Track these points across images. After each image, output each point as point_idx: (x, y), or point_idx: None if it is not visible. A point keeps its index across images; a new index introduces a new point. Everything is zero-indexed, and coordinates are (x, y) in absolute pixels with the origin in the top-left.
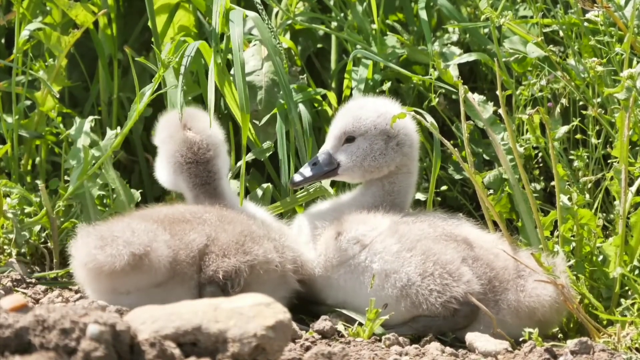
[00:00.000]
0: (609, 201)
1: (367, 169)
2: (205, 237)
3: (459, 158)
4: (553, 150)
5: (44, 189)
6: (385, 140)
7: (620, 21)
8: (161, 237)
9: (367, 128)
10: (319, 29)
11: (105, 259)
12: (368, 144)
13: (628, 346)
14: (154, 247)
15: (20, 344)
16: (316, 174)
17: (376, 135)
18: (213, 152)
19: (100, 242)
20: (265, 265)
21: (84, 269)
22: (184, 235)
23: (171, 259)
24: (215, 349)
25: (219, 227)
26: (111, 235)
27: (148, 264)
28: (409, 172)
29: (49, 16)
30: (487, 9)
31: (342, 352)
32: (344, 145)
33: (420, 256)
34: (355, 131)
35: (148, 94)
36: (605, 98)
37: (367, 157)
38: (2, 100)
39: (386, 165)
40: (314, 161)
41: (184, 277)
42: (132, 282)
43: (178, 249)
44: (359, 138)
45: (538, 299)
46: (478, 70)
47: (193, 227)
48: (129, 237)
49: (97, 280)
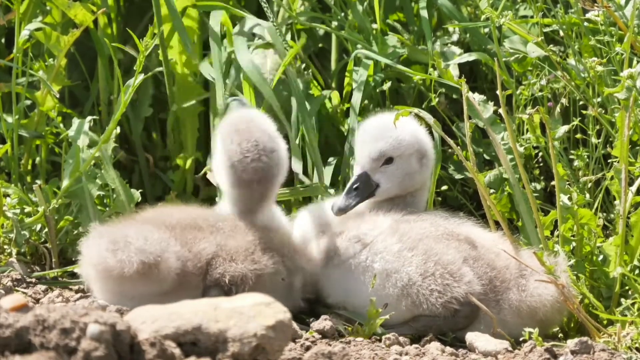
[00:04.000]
0: (609, 201)
1: (404, 189)
2: (215, 247)
3: (462, 157)
4: (553, 149)
5: (38, 189)
6: (418, 159)
7: (620, 21)
8: (172, 248)
9: (405, 149)
10: (320, 29)
11: (115, 264)
12: (406, 164)
13: (628, 346)
14: (164, 258)
15: (20, 343)
16: (361, 199)
17: (412, 154)
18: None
19: (113, 246)
20: (273, 277)
21: (93, 269)
22: (193, 244)
23: (179, 270)
24: (216, 348)
25: (229, 235)
26: (124, 240)
27: (157, 274)
28: (426, 185)
29: (49, 16)
30: (488, 9)
31: (342, 352)
32: (383, 167)
33: (421, 256)
34: (395, 152)
35: (132, 88)
36: (605, 98)
37: (405, 178)
38: (2, 100)
39: (420, 183)
40: (355, 185)
41: (190, 285)
42: (139, 288)
43: (187, 260)
44: (397, 159)
45: (540, 299)
46: (478, 70)
47: (205, 236)
48: (142, 244)
49: (104, 281)
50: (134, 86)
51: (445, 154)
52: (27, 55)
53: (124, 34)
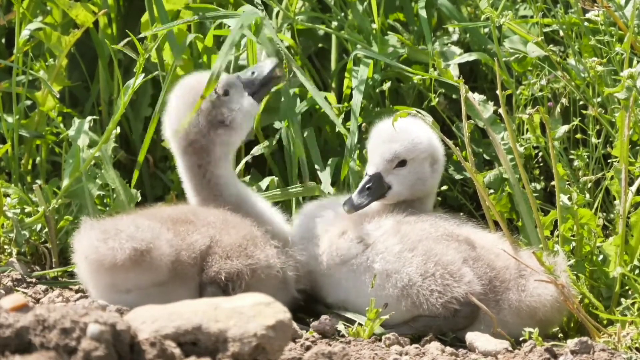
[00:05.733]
0: (609, 201)
1: (414, 193)
2: (208, 239)
3: (460, 158)
4: (553, 149)
5: (38, 189)
6: (430, 164)
7: (620, 21)
8: (164, 236)
9: (420, 153)
10: (320, 29)
11: (107, 252)
12: (419, 168)
13: (628, 346)
14: (156, 244)
15: (20, 343)
16: (373, 199)
17: (425, 159)
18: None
19: (103, 235)
20: (267, 270)
21: (85, 262)
22: (186, 235)
23: (173, 258)
24: (216, 348)
25: (222, 230)
26: (115, 229)
27: (149, 261)
28: (434, 189)
29: (50, 16)
30: (488, 9)
31: (342, 352)
32: (396, 169)
33: (421, 256)
34: (409, 155)
35: (131, 88)
36: (605, 98)
37: (417, 182)
38: (3, 100)
39: (431, 188)
40: (368, 185)
41: (185, 277)
42: (133, 279)
43: (180, 248)
44: (410, 162)
45: (539, 299)
46: (478, 70)
47: (197, 228)
48: (133, 232)
49: (97, 274)
50: (133, 87)
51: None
52: (27, 55)
53: (124, 34)
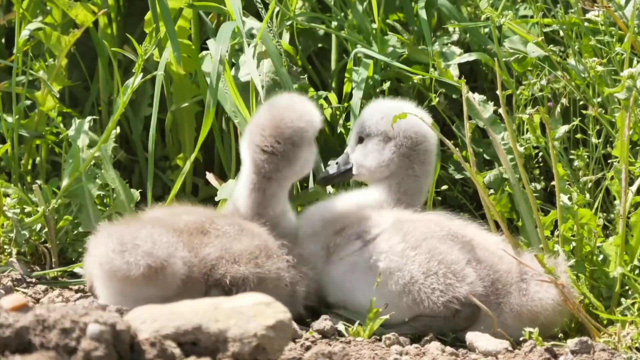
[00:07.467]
0: (609, 201)
1: (372, 170)
2: (219, 251)
3: (460, 158)
4: (553, 149)
5: (38, 189)
6: (384, 141)
7: (620, 21)
8: (179, 253)
9: (371, 129)
10: (319, 29)
11: (122, 265)
12: (372, 144)
13: (628, 346)
14: (171, 263)
15: (20, 343)
16: (335, 173)
17: (378, 135)
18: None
19: (120, 247)
20: (276, 282)
21: (99, 268)
22: (199, 250)
23: (185, 276)
24: (216, 348)
25: (235, 238)
26: (132, 242)
27: (162, 279)
28: (415, 175)
29: (49, 16)
30: (488, 9)
31: (342, 352)
32: (358, 146)
33: (425, 254)
34: (363, 132)
35: (130, 88)
36: (605, 98)
37: (368, 157)
38: (2, 100)
39: (385, 166)
40: (337, 160)
41: (194, 290)
42: (143, 292)
43: (192, 265)
44: (366, 139)
45: (541, 303)
46: (478, 70)
47: (210, 240)
48: (150, 248)
49: (108, 280)
50: (132, 87)
51: (445, 154)
52: (27, 55)
53: (124, 34)
